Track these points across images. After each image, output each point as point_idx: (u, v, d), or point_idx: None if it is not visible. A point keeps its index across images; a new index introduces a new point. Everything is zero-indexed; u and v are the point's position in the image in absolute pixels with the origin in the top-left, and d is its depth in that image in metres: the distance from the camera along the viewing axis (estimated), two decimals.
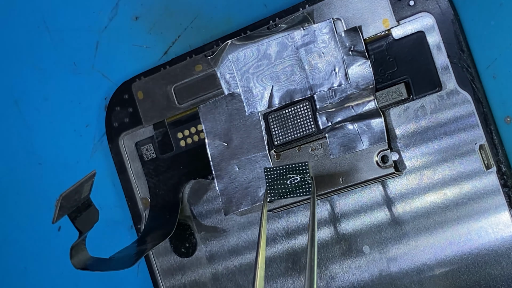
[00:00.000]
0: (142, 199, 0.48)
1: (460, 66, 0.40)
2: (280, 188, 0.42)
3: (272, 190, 0.42)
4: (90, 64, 0.51)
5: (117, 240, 0.49)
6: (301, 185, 0.42)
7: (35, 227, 0.53)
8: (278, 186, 0.42)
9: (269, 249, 0.45)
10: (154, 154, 0.48)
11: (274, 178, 0.42)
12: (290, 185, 0.42)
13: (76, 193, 0.40)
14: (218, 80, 0.45)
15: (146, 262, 0.48)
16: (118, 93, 0.48)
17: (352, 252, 0.43)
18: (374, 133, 0.41)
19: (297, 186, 0.42)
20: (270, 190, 0.42)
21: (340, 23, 0.42)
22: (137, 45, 0.49)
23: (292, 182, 0.42)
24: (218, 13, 0.47)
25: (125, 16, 0.49)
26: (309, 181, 0.41)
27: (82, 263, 0.42)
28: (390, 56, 0.42)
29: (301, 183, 0.42)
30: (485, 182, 0.40)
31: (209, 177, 0.46)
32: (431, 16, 0.40)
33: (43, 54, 0.52)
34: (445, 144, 0.41)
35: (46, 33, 0.52)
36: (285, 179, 0.42)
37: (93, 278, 0.50)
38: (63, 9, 0.52)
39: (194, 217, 0.47)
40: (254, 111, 0.44)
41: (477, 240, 0.40)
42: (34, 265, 0.53)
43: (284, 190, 0.42)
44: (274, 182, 0.42)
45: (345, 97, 0.42)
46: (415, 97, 0.41)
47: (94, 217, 0.42)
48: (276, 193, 0.42)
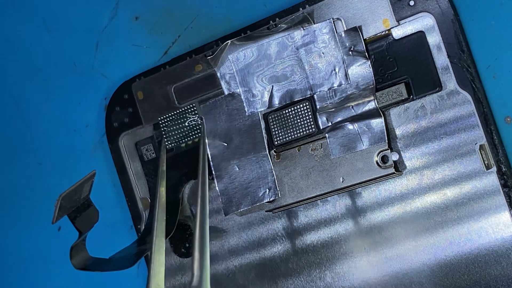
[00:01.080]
0: (142, 199, 0.48)
1: (460, 66, 0.40)
2: (177, 134, 0.43)
3: (169, 137, 0.43)
4: (90, 64, 0.51)
5: (117, 240, 0.49)
6: (195, 126, 0.42)
7: (35, 227, 0.53)
8: (175, 131, 0.43)
9: (269, 249, 0.45)
10: (154, 154, 0.48)
11: (169, 124, 0.42)
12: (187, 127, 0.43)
13: (76, 193, 0.40)
14: (218, 80, 0.45)
15: (146, 262, 0.48)
16: (118, 93, 0.48)
17: (352, 252, 0.43)
18: (374, 133, 0.41)
19: (192, 128, 0.42)
20: (167, 137, 0.43)
21: (340, 23, 0.42)
22: (137, 45, 0.49)
23: (190, 123, 0.42)
24: (218, 13, 0.47)
25: (125, 16, 0.49)
26: (200, 121, 0.42)
27: (82, 263, 0.42)
28: (390, 56, 0.42)
29: (194, 125, 0.42)
30: (485, 182, 0.40)
31: (209, 177, 0.46)
32: (431, 16, 0.40)
33: (43, 54, 0.52)
34: (445, 144, 0.41)
35: (46, 33, 0.52)
36: (182, 122, 0.42)
37: (93, 278, 0.50)
38: (63, 9, 0.52)
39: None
40: (254, 111, 0.44)
41: (477, 240, 0.40)
42: (34, 265, 0.53)
43: (181, 135, 0.43)
44: (170, 128, 0.43)
45: (345, 97, 0.42)
46: (415, 97, 0.41)
47: (94, 217, 0.42)
48: (174, 139, 0.43)
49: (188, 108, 0.42)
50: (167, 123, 0.43)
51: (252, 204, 0.44)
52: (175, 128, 0.43)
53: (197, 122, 0.42)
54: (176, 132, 0.43)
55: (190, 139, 0.43)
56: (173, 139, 0.43)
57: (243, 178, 0.44)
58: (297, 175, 0.43)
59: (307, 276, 0.44)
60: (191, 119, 0.42)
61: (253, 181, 0.44)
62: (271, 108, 0.44)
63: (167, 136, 0.43)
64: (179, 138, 0.43)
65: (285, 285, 0.45)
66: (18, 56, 0.53)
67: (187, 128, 0.43)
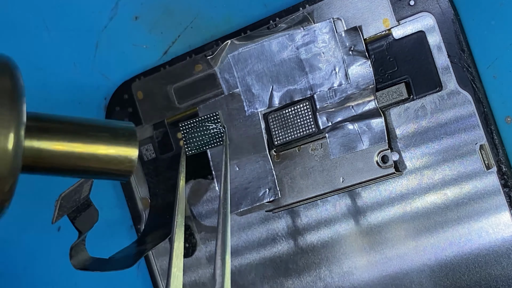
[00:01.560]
0: (142, 199, 0.48)
1: (460, 66, 0.40)
2: (198, 141, 0.42)
3: (189, 144, 0.43)
4: (90, 64, 0.51)
5: (117, 240, 0.49)
6: (216, 134, 0.42)
7: (35, 227, 0.53)
8: (195, 138, 0.42)
9: (269, 249, 0.45)
10: (154, 154, 0.47)
11: (190, 131, 0.42)
12: (207, 134, 0.42)
13: (76, 193, 0.40)
14: (218, 80, 0.45)
15: (146, 262, 0.48)
16: (118, 93, 0.48)
17: (352, 252, 0.43)
18: (374, 133, 0.41)
19: (212, 136, 0.42)
20: (187, 143, 0.43)
21: (340, 23, 0.42)
22: (137, 45, 0.49)
23: (209, 131, 0.42)
24: (218, 13, 0.47)
25: (125, 16, 0.49)
26: (222, 130, 0.42)
27: (81, 264, 0.42)
28: (391, 56, 0.42)
29: (216, 133, 0.42)
30: (486, 182, 0.40)
31: (209, 177, 0.46)
32: (431, 16, 0.40)
33: (43, 54, 0.52)
34: (445, 144, 0.41)
35: (46, 33, 0.52)
36: (202, 130, 0.42)
37: (93, 278, 0.50)
38: (63, 9, 0.52)
39: (194, 217, 0.47)
40: (254, 111, 0.44)
41: (478, 240, 0.40)
42: (33, 265, 0.53)
43: (202, 142, 0.43)
44: (191, 135, 0.42)
45: (345, 97, 0.42)
46: (416, 97, 0.41)
47: (94, 217, 0.42)
48: (194, 146, 0.42)
49: (210, 115, 0.42)
50: (188, 129, 0.43)
51: (252, 204, 0.44)
52: (196, 135, 0.43)
53: (220, 130, 0.42)
54: (197, 139, 0.43)
55: (211, 146, 0.43)
56: (193, 146, 0.43)
57: (243, 178, 0.44)
58: (297, 175, 0.43)
59: (307, 276, 0.44)
60: (212, 127, 0.42)
61: (253, 181, 0.44)
62: (271, 108, 0.44)
63: (187, 142, 0.43)
64: (200, 145, 0.43)
65: (285, 285, 0.45)
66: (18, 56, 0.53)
67: (208, 135, 0.43)
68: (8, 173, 0.31)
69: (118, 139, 0.36)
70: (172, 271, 0.39)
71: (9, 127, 0.31)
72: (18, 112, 0.32)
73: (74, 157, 0.35)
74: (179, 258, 0.39)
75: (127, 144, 0.36)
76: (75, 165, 0.35)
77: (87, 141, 0.35)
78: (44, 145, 0.34)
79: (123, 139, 0.36)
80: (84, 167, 0.35)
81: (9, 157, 0.31)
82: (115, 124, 0.36)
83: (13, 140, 0.31)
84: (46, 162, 0.34)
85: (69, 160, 0.34)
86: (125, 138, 0.36)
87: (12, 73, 0.32)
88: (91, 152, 0.35)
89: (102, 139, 0.35)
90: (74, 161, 0.35)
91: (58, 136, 0.34)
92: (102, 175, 0.36)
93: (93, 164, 0.35)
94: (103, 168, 0.35)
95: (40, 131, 0.34)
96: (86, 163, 0.35)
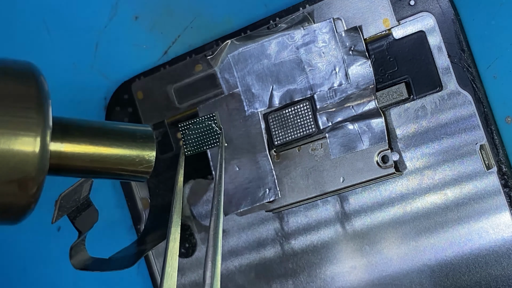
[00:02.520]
0: (142, 199, 0.48)
1: (460, 66, 0.40)
2: (196, 141, 0.43)
3: (188, 144, 0.43)
4: (90, 64, 0.51)
5: (116, 240, 0.49)
6: (215, 135, 0.42)
7: (35, 227, 0.53)
8: (194, 139, 0.42)
9: (269, 249, 0.45)
10: None
11: (188, 132, 0.42)
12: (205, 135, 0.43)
13: (76, 193, 0.40)
14: (218, 80, 0.45)
15: (146, 262, 0.48)
16: (118, 93, 0.48)
17: (352, 252, 0.43)
18: (374, 133, 0.41)
19: (211, 137, 0.42)
20: (186, 144, 0.43)
21: (340, 23, 0.42)
22: (137, 45, 0.49)
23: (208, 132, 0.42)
24: (218, 13, 0.47)
25: (124, 16, 0.49)
26: (219, 131, 0.42)
27: (81, 264, 0.42)
28: (391, 56, 0.42)
29: (215, 133, 0.42)
30: (486, 182, 0.40)
31: (209, 177, 0.46)
32: (431, 16, 0.40)
33: (43, 54, 0.52)
34: (445, 144, 0.41)
35: (46, 33, 0.52)
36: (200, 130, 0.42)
37: (93, 278, 0.50)
38: (63, 9, 0.52)
39: (194, 217, 0.47)
40: (254, 111, 0.44)
41: (478, 241, 0.40)
42: (33, 265, 0.53)
43: (200, 142, 0.43)
44: (189, 137, 0.42)
45: (346, 97, 0.42)
46: (416, 97, 0.41)
47: (94, 217, 0.42)
48: (192, 147, 0.42)
49: (208, 116, 0.42)
50: (186, 130, 0.43)
51: (252, 204, 0.44)
52: (195, 136, 0.43)
53: (217, 131, 0.42)
54: (195, 139, 0.43)
55: (210, 147, 0.43)
56: (192, 147, 0.43)
57: (243, 178, 0.44)
58: (297, 175, 0.43)
59: (307, 277, 0.44)
60: (210, 128, 0.42)
61: (253, 181, 0.44)
62: (271, 108, 0.44)
63: (186, 143, 0.43)
64: (198, 146, 0.43)
65: (285, 285, 0.45)
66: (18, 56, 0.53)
67: (206, 136, 0.43)
68: (36, 175, 0.33)
69: (137, 141, 0.38)
70: (166, 270, 0.39)
71: (36, 131, 0.33)
72: (45, 116, 0.33)
73: (96, 159, 0.36)
74: (174, 258, 0.40)
75: (145, 146, 0.38)
76: (97, 166, 0.37)
77: (108, 144, 0.37)
78: (68, 148, 0.35)
79: (141, 142, 0.38)
80: (106, 168, 0.37)
81: (36, 159, 0.33)
82: (133, 127, 0.38)
83: (40, 143, 0.33)
84: (70, 164, 0.36)
85: (91, 162, 0.36)
86: (143, 140, 0.38)
87: (37, 79, 0.34)
88: (112, 154, 0.37)
89: (122, 142, 0.37)
90: (96, 163, 0.36)
91: (81, 139, 0.36)
92: (122, 176, 0.38)
93: (114, 166, 0.37)
94: (123, 169, 0.37)
95: (64, 134, 0.35)
96: (107, 165, 0.37)
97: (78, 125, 0.37)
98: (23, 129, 0.32)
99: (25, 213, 0.34)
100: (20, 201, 0.33)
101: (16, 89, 0.33)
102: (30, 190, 0.33)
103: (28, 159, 0.33)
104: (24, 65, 0.35)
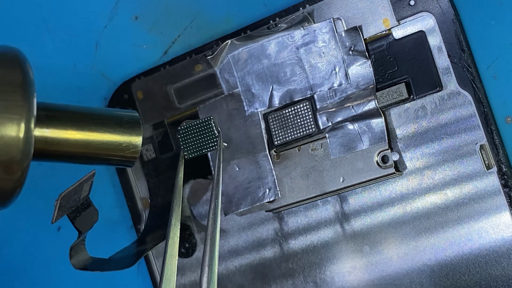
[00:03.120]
0: (142, 199, 0.48)
1: (460, 66, 0.40)
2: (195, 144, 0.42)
3: (186, 147, 0.42)
4: (90, 64, 0.51)
5: (116, 240, 0.49)
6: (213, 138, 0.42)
7: (35, 227, 0.53)
8: (193, 142, 0.42)
9: (269, 249, 0.45)
10: (154, 154, 0.47)
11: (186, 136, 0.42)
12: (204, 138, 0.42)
13: (76, 193, 0.40)
14: (218, 80, 0.45)
15: (146, 262, 0.48)
16: (118, 93, 0.48)
17: (352, 252, 0.43)
18: (374, 133, 0.41)
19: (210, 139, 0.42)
20: (184, 147, 0.42)
21: (340, 23, 0.42)
22: (137, 45, 0.49)
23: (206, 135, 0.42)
24: (218, 13, 0.47)
25: (124, 16, 0.49)
26: (217, 135, 0.42)
27: (81, 264, 0.42)
28: (391, 56, 0.41)
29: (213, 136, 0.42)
30: (486, 182, 0.40)
31: (209, 177, 0.46)
32: (431, 16, 0.40)
33: (43, 54, 0.52)
34: (445, 144, 0.41)
35: (46, 33, 0.52)
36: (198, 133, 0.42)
37: (93, 278, 0.50)
38: (63, 9, 0.52)
39: (194, 217, 0.47)
40: (254, 111, 0.44)
41: (478, 241, 0.40)
42: (33, 265, 0.53)
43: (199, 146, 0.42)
44: (188, 140, 0.42)
45: (345, 97, 0.42)
46: (416, 97, 0.41)
47: (94, 217, 0.42)
48: (191, 150, 0.42)
49: (208, 118, 0.42)
50: (184, 133, 0.42)
51: (252, 204, 0.44)
52: (193, 139, 0.42)
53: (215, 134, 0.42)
54: (194, 143, 0.42)
55: (209, 150, 0.42)
56: (191, 150, 0.42)
57: (243, 178, 0.44)
58: (297, 175, 0.43)
59: (307, 277, 0.44)
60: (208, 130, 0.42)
61: (253, 181, 0.44)
62: (271, 108, 0.44)
63: (184, 146, 0.42)
64: (197, 149, 0.42)
65: (285, 285, 0.45)
66: None
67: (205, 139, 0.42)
68: (20, 159, 0.33)
69: (123, 126, 0.38)
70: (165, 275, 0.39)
71: (21, 114, 0.33)
72: (29, 100, 0.33)
73: (82, 144, 0.37)
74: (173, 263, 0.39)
75: (131, 131, 0.38)
76: (83, 151, 0.37)
77: (94, 128, 0.37)
78: (53, 133, 0.36)
79: (128, 126, 0.38)
80: (92, 153, 0.37)
81: (21, 143, 0.33)
82: (119, 112, 0.39)
83: (24, 127, 0.33)
84: (56, 149, 0.36)
85: (77, 147, 0.36)
86: (130, 125, 0.38)
87: (22, 64, 0.34)
88: (98, 139, 0.37)
89: (108, 126, 0.37)
90: (82, 148, 0.37)
91: (67, 124, 0.36)
92: (109, 161, 0.38)
93: (100, 151, 0.37)
94: (110, 154, 0.38)
95: (49, 119, 0.36)
96: (93, 150, 0.37)
97: (64, 110, 0.37)
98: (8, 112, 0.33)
99: (10, 198, 0.34)
100: (5, 185, 0.33)
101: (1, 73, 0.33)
102: (15, 174, 0.33)
103: (12, 143, 0.33)
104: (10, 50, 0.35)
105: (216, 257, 0.38)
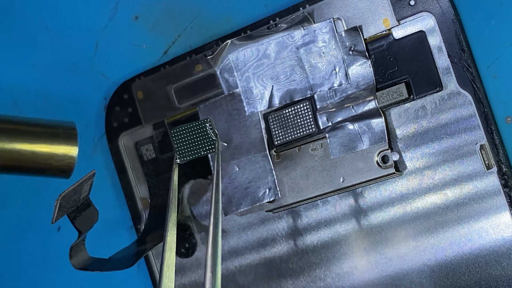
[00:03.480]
0: (141, 199, 0.48)
1: (460, 66, 0.40)
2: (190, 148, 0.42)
3: (180, 151, 0.42)
4: (90, 64, 0.51)
5: (116, 240, 0.49)
6: (208, 142, 0.42)
7: (35, 227, 0.53)
8: (187, 145, 0.42)
9: (269, 249, 0.45)
10: (154, 154, 0.47)
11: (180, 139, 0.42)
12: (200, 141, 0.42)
13: (76, 193, 0.40)
14: (218, 80, 0.45)
15: (146, 262, 0.48)
16: (118, 93, 0.48)
17: (352, 252, 0.43)
18: (374, 133, 0.41)
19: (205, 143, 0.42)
20: (179, 152, 0.42)
21: (340, 23, 0.42)
22: (137, 45, 0.49)
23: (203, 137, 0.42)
24: (218, 13, 0.47)
25: (124, 16, 0.49)
26: (212, 137, 0.41)
27: (81, 264, 0.42)
28: (391, 56, 0.41)
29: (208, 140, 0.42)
30: (486, 182, 0.40)
31: (209, 177, 0.46)
32: (431, 16, 0.40)
33: (43, 54, 0.52)
34: (445, 144, 0.41)
35: (46, 33, 0.52)
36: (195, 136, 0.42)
37: (93, 278, 0.50)
38: (63, 9, 0.52)
39: (194, 218, 0.47)
40: (254, 111, 0.44)
41: (478, 241, 0.40)
42: (33, 265, 0.53)
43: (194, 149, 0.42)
44: (182, 143, 0.42)
45: (346, 97, 0.42)
46: (416, 97, 0.41)
47: (94, 217, 0.42)
48: (186, 154, 0.42)
49: (204, 120, 0.41)
50: (178, 136, 0.42)
51: (252, 204, 0.44)
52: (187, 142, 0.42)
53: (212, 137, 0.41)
54: (188, 146, 0.42)
55: (205, 153, 0.42)
56: (185, 154, 0.42)
57: (243, 178, 0.44)
58: (297, 175, 0.43)
59: (307, 277, 0.44)
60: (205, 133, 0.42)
61: (253, 181, 0.44)
62: (271, 108, 0.44)
63: (179, 150, 0.42)
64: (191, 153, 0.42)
65: (285, 285, 0.45)
66: (18, 56, 0.53)
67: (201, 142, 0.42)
68: None
69: (58, 136, 0.38)
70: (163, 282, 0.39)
71: None
72: None
73: (15, 155, 0.36)
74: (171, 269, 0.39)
75: (66, 142, 0.38)
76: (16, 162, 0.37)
77: (26, 139, 0.37)
78: None
79: (63, 137, 0.38)
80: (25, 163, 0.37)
81: None
82: (54, 123, 0.39)
83: None
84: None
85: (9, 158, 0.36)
86: (65, 135, 0.38)
87: None
88: (31, 150, 0.37)
89: (41, 137, 0.37)
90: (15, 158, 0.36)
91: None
92: (44, 172, 0.38)
93: (34, 161, 0.37)
94: (43, 164, 0.37)
95: None
96: (26, 160, 0.37)
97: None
98: None
99: None
100: None
101: None
102: None
103: None
104: None
105: (219, 262, 0.37)
